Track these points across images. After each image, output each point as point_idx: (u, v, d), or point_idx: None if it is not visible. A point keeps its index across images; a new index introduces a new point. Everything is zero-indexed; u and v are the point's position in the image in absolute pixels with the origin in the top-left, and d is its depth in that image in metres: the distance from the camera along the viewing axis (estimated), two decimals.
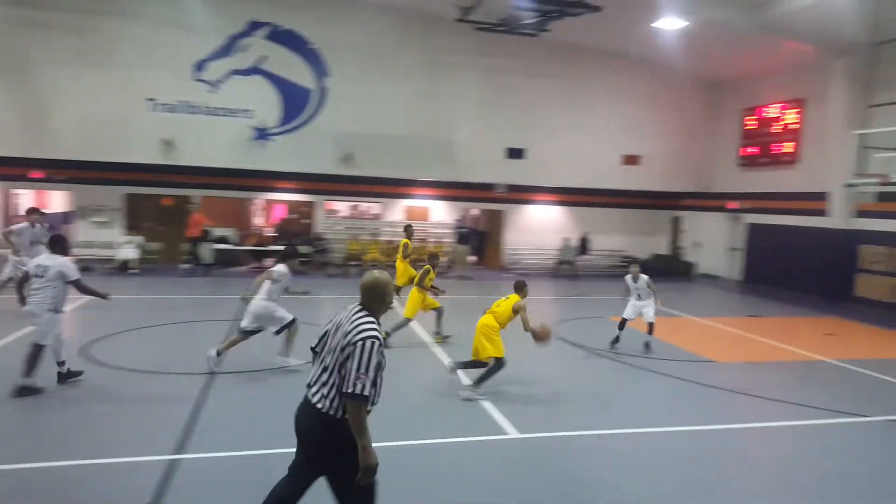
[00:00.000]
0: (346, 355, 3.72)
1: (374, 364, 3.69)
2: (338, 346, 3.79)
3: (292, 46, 19.99)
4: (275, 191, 21.88)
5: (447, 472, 5.96)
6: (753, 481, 6.17)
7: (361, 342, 3.70)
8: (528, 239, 23.41)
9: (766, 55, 19.49)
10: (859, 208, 17.49)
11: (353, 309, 3.95)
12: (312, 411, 3.80)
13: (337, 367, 3.77)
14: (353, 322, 3.82)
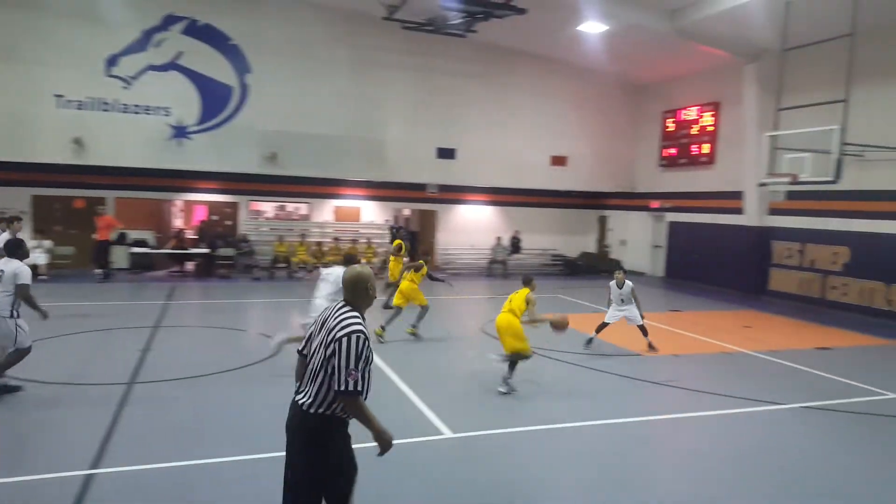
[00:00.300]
0: (331, 352, 3.64)
1: (361, 358, 3.64)
2: (322, 344, 3.73)
3: (211, 42, 19.28)
4: (195, 191, 21.13)
5: (383, 475, 5.80)
6: (673, 470, 6.31)
7: (346, 337, 3.63)
8: (460, 239, 23.49)
9: (684, 59, 20.18)
10: (772, 206, 18.36)
11: (337, 306, 3.88)
12: (296, 408, 3.77)
13: (322, 365, 3.69)
14: (336, 318, 3.76)
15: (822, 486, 5.99)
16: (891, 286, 15.10)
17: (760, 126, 17.33)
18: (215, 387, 8.29)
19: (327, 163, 20.59)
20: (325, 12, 20.08)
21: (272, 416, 7.19)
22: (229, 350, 10.42)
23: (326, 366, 3.67)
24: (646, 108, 24.19)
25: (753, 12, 15.20)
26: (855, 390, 9.19)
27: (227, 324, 12.42)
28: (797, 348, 11.97)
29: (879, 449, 7.01)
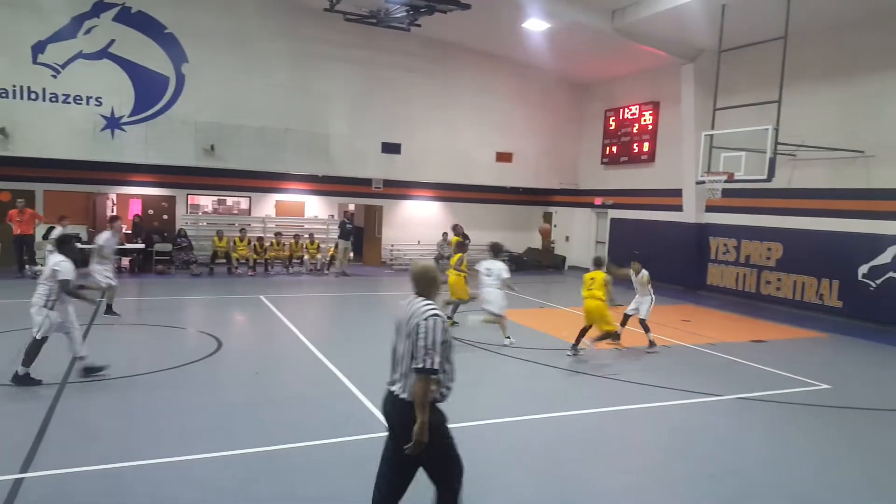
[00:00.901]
0: (414, 338, 4.01)
1: (439, 340, 3.99)
2: (405, 334, 4.10)
3: (145, 30, 18.52)
4: (130, 184, 20.38)
5: (324, 474, 5.67)
6: (617, 461, 6.38)
7: (425, 321, 4.01)
8: (406, 234, 23.40)
9: (625, 59, 20.53)
10: (709, 204, 18.88)
11: (411, 300, 4.27)
12: (394, 399, 4.13)
13: (408, 353, 4.05)
14: (414, 308, 4.15)
15: (757, 473, 6.14)
16: (822, 281, 15.72)
17: (698, 125, 17.80)
18: (152, 386, 7.98)
19: (268, 156, 20.13)
20: (264, 2, 19.61)
21: (211, 415, 7.01)
22: (167, 349, 10.08)
23: (413, 353, 4.02)
24: (589, 106, 24.54)
25: (691, 14, 15.56)
26: (788, 381, 9.51)
27: (164, 321, 12.00)
28: (733, 341, 12.34)
29: (811, 437, 7.26)
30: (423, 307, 4.12)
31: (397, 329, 4.26)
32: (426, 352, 3.95)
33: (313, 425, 6.83)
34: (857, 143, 14.72)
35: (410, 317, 4.10)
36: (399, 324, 4.23)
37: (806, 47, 15.35)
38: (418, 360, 3.95)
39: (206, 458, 5.85)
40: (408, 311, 4.18)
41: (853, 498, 5.71)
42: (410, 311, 4.15)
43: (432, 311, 4.07)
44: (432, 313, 4.05)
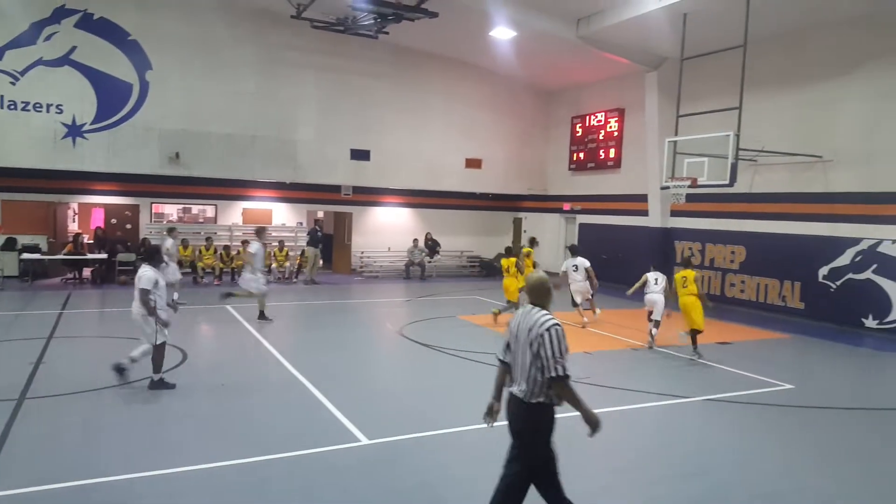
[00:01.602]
0: (538, 347, 4.23)
1: (564, 347, 4.26)
2: (526, 344, 4.31)
3: (108, 37, 18.21)
4: (91, 193, 20.02)
5: (299, 485, 5.61)
6: (588, 465, 6.43)
7: (547, 331, 4.23)
8: (376, 241, 23.33)
9: (591, 66, 20.82)
10: (673, 209, 19.20)
11: (527, 310, 4.46)
12: (516, 401, 4.37)
13: (531, 361, 4.27)
14: (534, 319, 4.33)
15: (725, 473, 6.25)
16: (784, 283, 16.09)
17: (662, 132, 18.11)
18: (116, 400, 7.82)
19: (234, 163, 19.94)
20: (229, 8, 19.46)
21: (178, 429, 6.88)
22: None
23: (535, 361, 4.26)
24: (556, 112, 24.80)
25: (654, 23, 15.86)
26: (754, 382, 9.70)
27: (128, 333, 11.72)
28: (700, 343, 12.51)
29: (777, 436, 7.41)
30: (543, 318, 4.32)
31: (515, 337, 4.45)
32: (555, 361, 4.20)
33: (283, 437, 6.76)
34: (815, 149, 15.13)
35: (531, 327, 4.31)
36: (517, 333, 4.43)
37: (764, 55, 15.74)
38: (550, 369, 4.21)
39: (175, 473, 5.74)
40: (528, 322, 4.37)
41: (817, 495, 5.84)
42: (531, 322, 4.34)
43: (552, 320, 4.30)
44: (553, 323, 4.28)
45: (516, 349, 4.44)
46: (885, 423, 8.06)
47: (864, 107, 14.49)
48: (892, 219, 13.86)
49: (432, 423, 7.32)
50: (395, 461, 6.20)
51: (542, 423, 4.36)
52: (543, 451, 4.42)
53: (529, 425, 4.36)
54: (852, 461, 6.68)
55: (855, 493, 5.94)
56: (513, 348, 4.49)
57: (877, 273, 14.08)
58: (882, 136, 14.11)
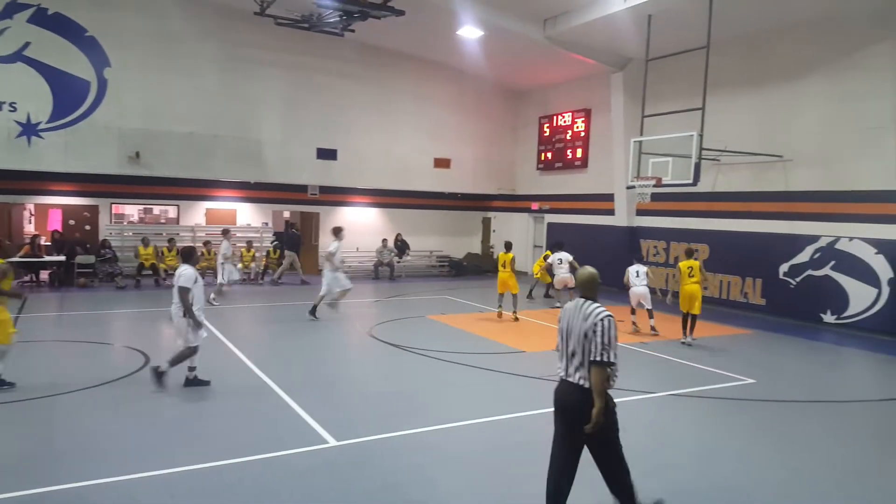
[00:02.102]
0: (591, 334, 4.58)
1: (614, 335, 4.59)
2: (581, 333, 4.63)
3: (64, 33, 17.71)
4: (48, 194, 19.45)
5: (266, 488, 5.50)
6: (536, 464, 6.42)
7: (601, 321, 4.59)
8: (344, 241, 22.97)
9: (558, 67, 20.95)
10: (639, 207, 19.43)
11: (580, 304, 4.78)
12: (574, 388, 4.68)
13: (585, 349, 4.61)
14: (587, 311, 4.68)
15: (687, 466, 6.32)
16: (746, 280, 16.39)
17: (627, 132, 18.31)
18: (76, 406, 7.59)
19: (197, 163, 19.59)
20: (191, 4, 19.13)
21: (140, 433, 6.71)
22: (91, 365, 9.61)
23: (588, 347, 4.59)
24: (524, 112, 24.91)
25: (620, 24, 16.02)
26: (716, 377, 9.84)
27: (87, 337, 11.46)
28: (665, 339, 12.70)
29: (740, 429, 7.52)
30: (597, 309, 4.67)
31: (568, 328, 4.78)
32: (604, 347, 4.55)
33: (249, 439, 6.64)
34: (775, 148, 15.43)
35: (586, 318, 4.64)
36: (570, 324, 4.76)
37: (727, 57, 16.02)
38: (596, 353, 4.53)
39: (137, 479, 5.59)
40: (581, 313, 4.71)
41: (776, 487, 5.92)
42: (585, 313, 4.68)
43: (606, 312, 4.64)
44: (607, 314, 4.63)
45: (569, 339, 4.76)
46: (841, 416, 8.24)
47: (821, 108, 14.82)
48: (849, 217, 14.21)
49: (402, 423, 7.26)
50: (363, 463, 6.13)
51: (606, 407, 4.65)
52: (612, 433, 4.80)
53: (587, 408, 4.57)
54: (809, 452, 6.81)
55: (810, 483, 6.06)
56: (565, 339, 4.82)
57: (835, 269, 14.43)
58: (838, 136, 14.46)
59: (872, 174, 13.81)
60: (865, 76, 13.95)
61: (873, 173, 13.79)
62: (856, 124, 14.10)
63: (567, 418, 4.79)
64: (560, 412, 4.85)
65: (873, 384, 10.58)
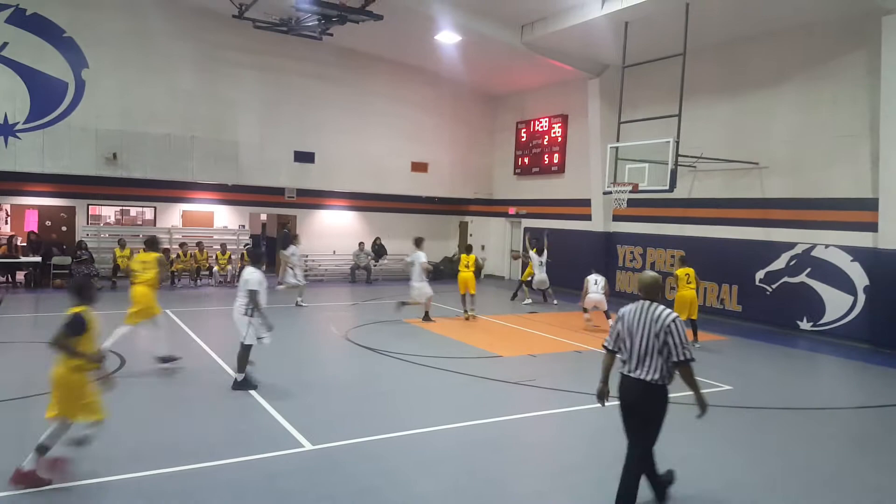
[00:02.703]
0: (665, 336, 4.99)
1: (684, 333, 5.05)
2: (651, 335, 5.04)
3: (41, 33, 17.51)
4: (25, 194, 19.21)
5: (240, 492, 5.48)
6: (520, 468, 6.49)
7: (673, 322, 5.01)
8: (321, 244, 23.00)
9: (535, 72, 21.10)
10: (615, 213, 19.61)
11: (644, 306, 5.17)
12: (641, 385, 5.10)
13: (657, 349, 5.03)
14: (656, 314, 5.08)
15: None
16: (722, 286, 16.59)
17: (604, 138, 18.48)
18: (44, 409, 7.47)
19: (174, 164, 19.43)
20: (168, 6, 18.99)
21: (115, 436, 6.63)
22: None
23: (661, 348, 5.01)
24: (501, 117, 25.03)
25: (596, 30, 16.17)
26: None
27: None
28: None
29: (715, 435, 7.59)
30: (664, 311, 5.08)
31: (631, 329, 5.16)
32: (683, 347, 4.99)
33: (224, 443, 6.60)
34: (751, 155, 15.65)
35: (655, 320, 5.05)
36: (634, 325, 5.14)
37: (703, 64, 16.24)
38: (679, 354, 4.99)
39: (112, 481, 5.55)
40: (649, 315, 5.10)
41: (751, 493, 6.01)
42: (653, 315, 5.08)
43: (673, 314, 5.09)
44: (675, 316, 5.08)
45: (635, 339, 5.13)
46: (816, 423, 8.36)
47: (795, 116, 15.07)
48: (824, 224, 14.41)
49: (378, 427, 7.27)
50: (338, 467, 6.12)
51: (665, 400, 5.16)
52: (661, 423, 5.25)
53: (656, 403, 5.14)
54: (784, 459, 6.91)
55: (782, 487, 6.15)
56: (629, 339, 5.18)
57: (810, 277, 14.63)
58: (813, 144, 14.70)
59: (847, 182, 14.02)
60: (839, 84, 14.19)
61: (848, 181, 14.00)
62: (830, 132, 14.34)
63: (633, 411, 5.27)
64: (626, 403, 5.30)
65: (848, 392, 10.73)
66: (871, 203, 13.45)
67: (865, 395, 10.33)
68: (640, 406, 5.21)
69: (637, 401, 5.21)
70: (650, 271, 5.43)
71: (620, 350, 5.31)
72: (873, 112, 13.40)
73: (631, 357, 5.19)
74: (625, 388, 5.27)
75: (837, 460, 7.03)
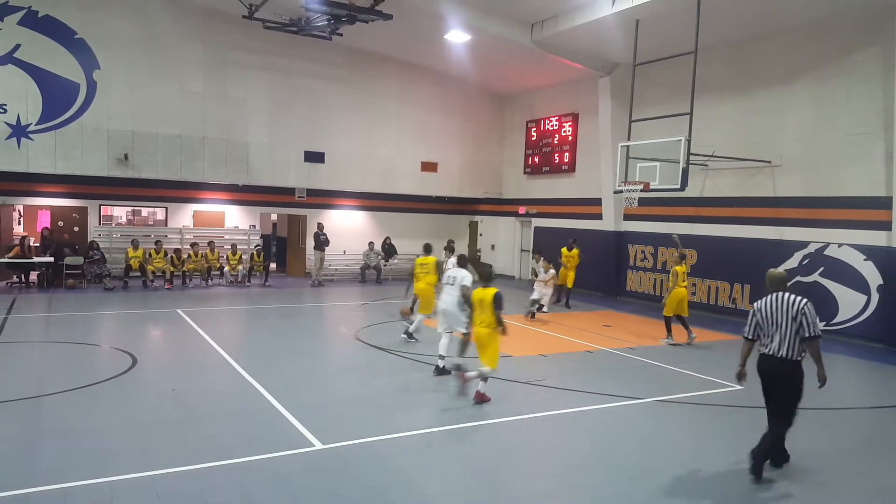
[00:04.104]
0: (801, 317, 6.05)
1: (815, 314, 6.10)
2: (789, 318, 6.10)
3: (54, 35, 17.65)
4: (37, 195, 19.36)
5: (250, 490, 5.49)
6: (541, 467, 6.45)
7: (805, 306, 6.09)
8: (331, 244, 23.02)
9: (545, 71, 21.02)
10: (626, 212, 19.51)
11: (778, 296, 6.25)
12: (782, 361, 6.14)
13: (794, 330, 6.07)
14: (790, 301, 6.15)
15: (673, 473, 6.32)
16: (734, 285, 16.47)
17: (615, 136, 18.40)
18: (62, 406, 7.55)
19: (185, 165, 19.54)
20: (179, 8, 19.09)
21: (126, 435, 6.67)
22: (78, 366, 9.57)
23: (796, 328, 6.05)
24: (510, 116, 24.97)
25: (607, 28, 16.09)
26: (705, 383, 9.88)
27: (75, 338, 11.40)
28: (652, 345, 12.74)
29: (726, 436, 7.55)
30: (797, 298, 6.16)
31: (770, 317, 6.21)
32: (813, 325, 6.01)
33: (235, 442, 6.62)
34: (763, 154, 15.53)
35: (791, 305, 6.10)
36: (773, 314, 6.19)
37: (714, 63, 16.14)
38: (810, 331, 6.01)
39: (122, 480, 5.57)
40: (784, 303, 6.15)
41: (760, 493, 5.95)
42: (789, 302, 6.13)
43: (805, 299, 6.13)
44: (806, 301, 6.12)
45: (774, 325, 6.17)
46: (830, 423, 8.28)
47: (808, 113, 14.93)
48: (837, 223, 14.28)
49: (388, 427, 7.26)
50: (347, 466, 6.12)
51: (801, 372, 6.15)
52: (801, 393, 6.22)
53: (795, 375, 6.12)
54: (796, 459, 6.84)
55: (799, 491, 6.08)
56: (768, 325, 6.22)
57: (824, 276, 14.49)
58: (825, 142, 14.56)
59: (861, 180, 13.88)
60: (852, 81, 14.05)
61: (861, 179, 13.86)
62: (843, 130, 14.19)
63: (775, 383, 6.23)
64: (769, 379, 6.27)
65: (862, 391, 10.61)
66: (885, 202, 13.31)
67: (879, 395, 10.23)
68: (781, 379, 6.17)
69: (778, 375, 6.18)
70: (777, 269, 6.57)
71: (759, 337, 6.34)
72: (887, 109, 13.26)
73: (773, 340, 6.19)
74: (768, 365, 6.25)
75: (851, 461, 6.95)
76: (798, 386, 6.16)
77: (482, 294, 8.20)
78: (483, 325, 8.16)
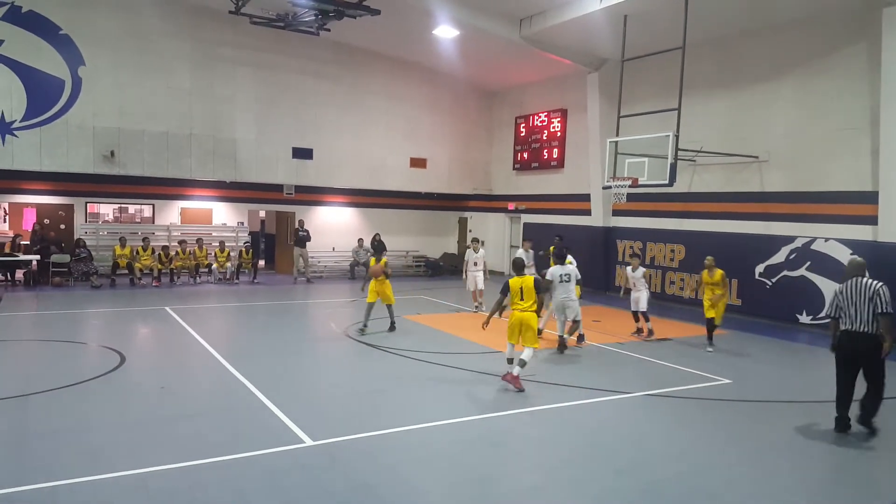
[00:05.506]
0: (876, 298, 7.10)
1: (888, 294, 7.13)
2: (866, 299, 7.15)
3: (38, 31, 17.44)
4: (23, 192, 19.18)
5: (242, 487, 5.47)
6: (529, 462, 6.47)
7: (880, 288, 7.16)
8: (320, 241, 22.96)
9: (533, 67, 21.03)
10: (615, 208, 19.55)
11: (856, 281, 7.30)
12: (865, 336, 7.17)
13: (871, 309, 7.11)
14: (867, 284, 7.20)
15: (661, 467, 6.36)
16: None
17: (603, 132, 18.43)
18: (49, 405, 7.49)
19: (172, 162, 19.40)
20: (165, 4, 18.93)
21: (115, 433, 6.63)
22: (66, 365, 9.49)
23: (873, 308, 7.09)
24: (499, 112, 24.97)
25: (595, 24, 16.11)
26: (693, 377, 9.94)
27: (62, 336, 11.31)
28: (641, 340, 12.80)
29: (714, 429, 7.61)
30: (873, 281, 7.23)
31: (850, 299, 7.25)
32: (887, 303, 7.03)
33: (224, 439, 6.59)
34: (750, 149, 15.62)
35: (869, 287, 7.16)
36: (852, 295, 7.24)
37: (702, 57, 16.20)
38: (884, 307, 7.04)
39: (110, 478, 5.53)
40: (861, 287, 7.21)
41: (749, 487, 6.00)
42: (866, 285, 7.19)
43: (880, 282, 7.20)
44: (881, 283, 7.18)
45: (854, 305, 7.20)
46: (816, 416, 8.32)
47: (795, 109, 15.02)
48: (824, 217, 14.37)
49: (376, 423, 7.25)
50: (337, 463, 6.11)
51: (880, 344, 7.12)
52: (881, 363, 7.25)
53: (877, 346, 7.12)
54: (783, 453, 6.90)
55: (786, 484, 6.13)
56: (851, 306, 7.22)
57: (810, 270, 14.60)
58: (812, 137, 14.66)
59: (847, 175, 13.97)
60: (839, 77, 14.13)
61: (848, 174, 13.96)
62: (830, 125, 14.29)
63: (857, 355, 7.27)
64: (850, 352, 7.30)
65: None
66: (871, 196, 13.42)
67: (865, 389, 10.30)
68: (866, 351, 7.20)
69: (862, 347, 7.21)
70: (857, 257, 8.06)
71: (841, 317, 7.32)
72: (873, 105, 13.36)
73: (855, 318, 7.21)
74: (852, 340, 7.27)
75: (838, 454, 7.01)
76: (879, 353, 7.16)
77: (521, 282, 8.96)
78: (525, 310, 8.88)
